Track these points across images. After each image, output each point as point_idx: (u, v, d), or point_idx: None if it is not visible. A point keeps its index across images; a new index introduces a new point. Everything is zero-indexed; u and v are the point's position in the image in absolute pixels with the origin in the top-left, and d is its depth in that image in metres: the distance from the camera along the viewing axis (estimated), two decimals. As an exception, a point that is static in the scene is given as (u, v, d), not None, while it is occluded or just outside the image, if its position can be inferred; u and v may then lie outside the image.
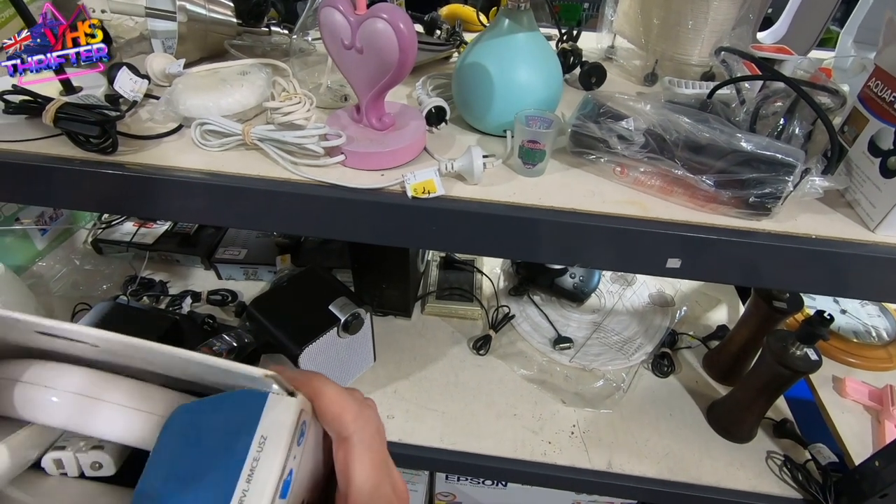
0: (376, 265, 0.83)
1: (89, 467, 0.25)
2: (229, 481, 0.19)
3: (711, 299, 0.97)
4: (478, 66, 0.48)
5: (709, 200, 0.42)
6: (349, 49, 0.42)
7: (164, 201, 0.45)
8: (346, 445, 0.22)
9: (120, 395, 0.23)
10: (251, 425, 0.20)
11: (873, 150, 0.42)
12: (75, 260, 0.94)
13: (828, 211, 0.44)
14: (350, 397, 0.22)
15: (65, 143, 0.45)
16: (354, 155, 0.45)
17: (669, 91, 0.55)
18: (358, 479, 0.21)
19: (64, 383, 0.23)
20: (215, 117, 0.47)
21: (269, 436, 0.19)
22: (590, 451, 0.71)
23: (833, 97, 0.45)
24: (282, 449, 0.19)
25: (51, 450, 0.25)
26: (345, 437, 0.22)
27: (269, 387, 0.20)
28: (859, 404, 0.76)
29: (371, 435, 0.22)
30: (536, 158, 0.45)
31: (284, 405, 0.20)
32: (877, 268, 0.40)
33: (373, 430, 0.22)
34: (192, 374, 0.23)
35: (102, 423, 0.23)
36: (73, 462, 0.25)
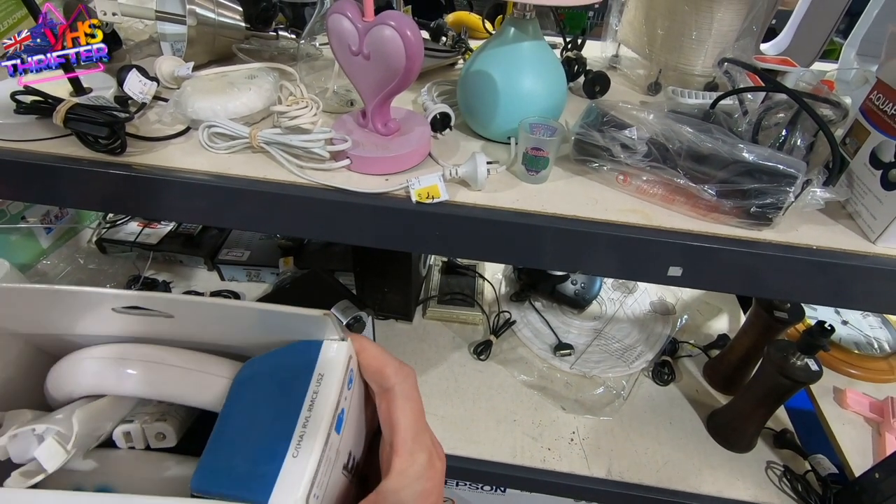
0: (379, 269, 0.83)
1: (154, 438, 0.27)
2: (295, 409, 0.22)
3: (713, 308, 0.97)
4: (483, 73, 0.48)
5: (710, 210, 0.42)
6: (356, 55, 0.42)
7: (170, 202, 0.46)
8: (389, 396, 0.23)
9: (190, 361, 0.26)
10: (310, 366, 0.23)
11: (874, 163, 0.42)
12: (79, 259, 0.95)
13: (829, 222, 0.44)
14: (389, 354, 0.24)
15: (74, 143, 0.46)
16: (360, 159, 0.45)
17: (673, 101, 0.55)
18: (402, 426, 0.23)
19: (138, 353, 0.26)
20: (223, 120, 0.47)
21: (325, 373, 0.23)
22: (589, 459, 0.71)
23: (835, 109, 0.45)
24: (336, 382, 0.22)
25: (120, 423, 0.27)
26: (387, 388, 0.23)
27: (324, 329, 0.24)
28: (860, 416, 0.76)
29: (411, 387, 0.24)
30: (540, 166, 0.45)
31: (337, 347, 0.24)
32: (877, 279, 0.40)
33: (412, 383, 0.24)
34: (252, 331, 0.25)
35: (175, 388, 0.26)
36: (140, 434, 0.27)
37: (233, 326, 0.26)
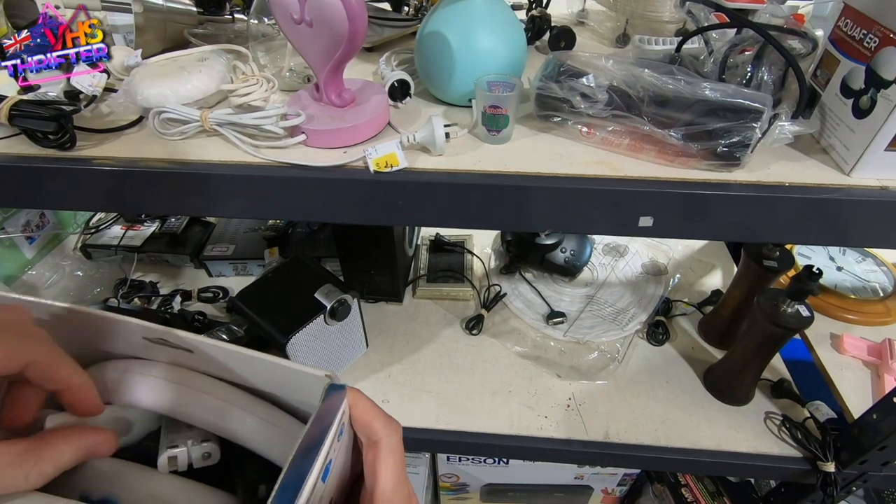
0: (363, 252, 0.82)
1: (200, 458, 0.29)
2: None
3: (705, 265, 0.96)
4: (437, 34, 0.47)
5: (678, 155, 0.41)
6: (299, 23, 0.41)
7: (126, 194, 0.45)
8: (376, 449, 0.25)
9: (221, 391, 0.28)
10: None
11: (845, 92, 0.40)
12: (65, 266, 0.94)
13: (802, 158, 0.43)
14: (379, 408, 0.26)
15: (24, 141, 0.45)
16: (315, 133, 0.44)
17: (639, 49, 0.54)
18: (383, 478, 0.24)
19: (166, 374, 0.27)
20: (173, 105, 0.46)
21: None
22: (587, 423, 0.71)
23: (803, 41, 0.43)
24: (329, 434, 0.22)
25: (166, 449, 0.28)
26: (375, 441, 0.25)
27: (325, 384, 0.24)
28: (858, 360, 0.75)
29: (396, 442, 0.26)
30: (500, 124, 0.44)
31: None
32: (853, 211, 0.39)
33: (398, 438, 0.26)
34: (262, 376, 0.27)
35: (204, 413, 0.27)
36: (186, 456, 0.28)
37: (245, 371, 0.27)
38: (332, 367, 0.76)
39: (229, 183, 0.44)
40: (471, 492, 1.04)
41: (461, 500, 1.07)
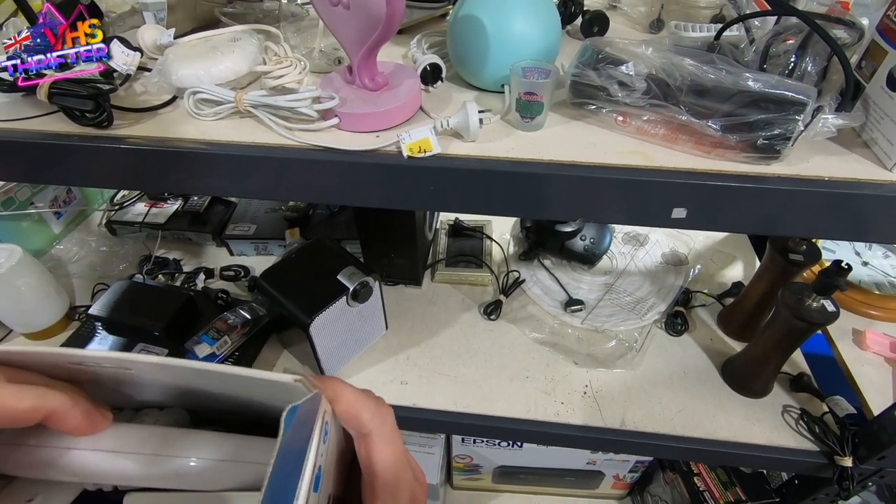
0: (383, 235, 0.82)
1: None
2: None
3: (727, 256, 0.95)
4: (470, 17, 0.46)
5: (715, 146, 0.40)
6: (336, 5, 0.40)
7: (159, 173, 0.45)
8: (367, 441, 0.23)
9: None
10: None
11: (892, 84, 0.39)
12: (91, 242, 0.96)
13: (843, 152, 0.42)
14: (365, 397, 0.24)
15: (62, 119, 0.46)
16: (348, 117, 0.44)
17: (675, 35, 0.52)
18: (382, 470, 0.23)
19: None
20: (207, 86, 0.46)
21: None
22: (603, 410, 0.72)
23: (849, 30, 0.42)
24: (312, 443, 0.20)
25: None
26: (365, 433, 0.23)
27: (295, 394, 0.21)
28: (880, 356, 0.75)
29: (389, 429, 0.24)
30: (534, 111, 0.43)
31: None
32: (894, 208, 0.38)
33: (390, 425, 0.24)
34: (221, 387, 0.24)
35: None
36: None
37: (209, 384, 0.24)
38: (351, 348, 0.78)
39: (263, 165, 0.44)
40: (483, 473, 1.06)
41: (473, 480, 1.09)
